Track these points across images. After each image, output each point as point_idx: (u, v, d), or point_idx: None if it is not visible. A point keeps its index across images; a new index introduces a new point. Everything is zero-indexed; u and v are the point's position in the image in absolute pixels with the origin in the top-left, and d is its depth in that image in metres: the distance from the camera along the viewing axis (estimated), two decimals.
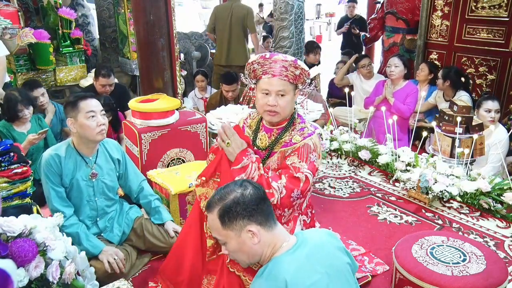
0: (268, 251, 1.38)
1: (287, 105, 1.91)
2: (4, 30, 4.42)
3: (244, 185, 1.41)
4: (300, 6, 5.26)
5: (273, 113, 1.91)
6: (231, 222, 1.36)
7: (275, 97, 1.88)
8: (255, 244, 1.36)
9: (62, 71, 4.85)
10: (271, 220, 1.40)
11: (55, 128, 3.84)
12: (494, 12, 4.25)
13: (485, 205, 2.75)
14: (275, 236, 1.39)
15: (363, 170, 3.47)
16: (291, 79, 1.88)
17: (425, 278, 1.84)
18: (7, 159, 2.25)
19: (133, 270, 2.35)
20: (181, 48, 6.20)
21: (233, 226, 1.36)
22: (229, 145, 1.84)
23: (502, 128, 3.36)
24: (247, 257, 1.41)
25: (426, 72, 4.48)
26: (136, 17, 3.68)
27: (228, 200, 1.37)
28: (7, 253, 1.50)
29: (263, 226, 1.37)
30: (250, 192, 1.38)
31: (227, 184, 1.47)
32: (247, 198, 1.37)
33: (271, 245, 1.38)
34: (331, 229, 2.62)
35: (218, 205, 1.38)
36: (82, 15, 5.75)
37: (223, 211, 1.37)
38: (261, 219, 1.36)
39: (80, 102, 2.20)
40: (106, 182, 2.37)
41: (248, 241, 1.36)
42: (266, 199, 1.43)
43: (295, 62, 1.86)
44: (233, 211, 1.35)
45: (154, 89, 3.63)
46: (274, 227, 1.40)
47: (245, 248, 1.38)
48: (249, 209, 1.35)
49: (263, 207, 1.38)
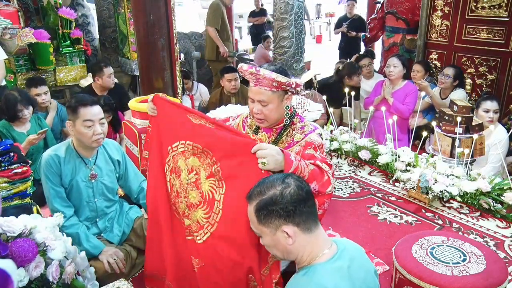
0: (305, 254, 1.33)
1: (271, 113, 1.90)
2: (4, 30, 4.42)
3: (287, 183, 1.33)
4: (300, 6, 5.27)
5: (259, 120, 1.94)
6: (267, 219, 1.31)
7: (259, 106, 1.89)
8: (289, 244, 1.32)
9: (62, 71, 4.84)
10: (311, 222, 1.33)
11: (56, 128, 3.85)
12: (494, 12, 4.25)
13: (485, 205, 2.75)
14: (314, 240, 1.33)
15: (363, 170, 3.47)
16: (272, 88, 1.85)
17: (425, 278, 1.84)
18: (7, 159, 2.25)
19: (133, 270, 2.35)
20: (181, 48, 6.21)
21: (268, 223, 1.32)
22: (266, 164, 1.62)
23: (502, 128, 3.36)
24: (282, 254, 1.38)
25: (423, 73, 4.48)
26: (136, 17, 3.68)
27: (266, 197, 1.31)
28: (7, 253, 1.50)
29: (301, 227, 1.31)
30: (291, 191, 1.31)
31: (271, 177, 1.39)
32: (286, 197, 1.30)
33: (308, 248, 1.33)
34: (331, 229, 2.63)
35: (257, 199, 1.34)
36: (82, 15, 5.75)
37: (260, 207, 1.32)
38: (299, 220, 1.30)
39: (80, 108, 2.17)
40: (106, 183, 2.37)
41: (283, 240, 1.32)
42: (308, 200, 1.33)
43: (258, 72, 1.80)
44: (269, 209, 1.30)
45: (154, 89, 3.63)
46: (313, 230, 1.33)
47: (279, 246, 1.35)
48: (287, 210, 1.29)
49: (303, 208, 1.31)
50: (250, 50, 8.08)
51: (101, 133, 2.21)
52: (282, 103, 1.92)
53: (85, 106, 2.18)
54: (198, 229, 1.83)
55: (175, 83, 3.79)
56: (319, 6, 15.63)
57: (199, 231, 1.82)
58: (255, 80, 1.86)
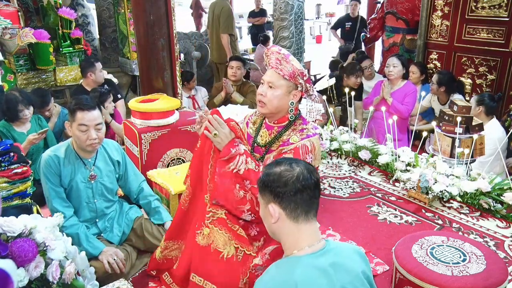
0: (288, 242, 1.36)
1: (274, 99, 1.91)
2: (4, 30, 4.42)
3: (292, 168, 1.35)
4: (300, 6, 5.27)
5: (260, 103, 1.95)
6: (262, 190, 1.38)
7: (266, 87, 1.92)
8: (272, 223, 1.36)
9: (62, 71, 4.84)
10: (301, 213, 1.34)
11: (57, 129, 3.85)
12: (494, 12, 4.25)
13: (485, 205, 2.75)
14: (299, 231, 1.34)
15: (363, 170, 3.47)
16: (286, 75, 1.88)
17: (425, 278, 1.84)
18: (7, 159, 2.25)
19: (133, 270, 2.34)
20: (181, 48, 6.22)
21: (263, 194, 1.38)
22: (216, 136, 1.84)
23: (494, 125, 3.37)
24: (268, 229, 1.44)
25: (418, 74, 4.50)
26: (136, 17, 3.68)
27: (269, 171, 1.37)
28: (7, 253, 1.50)
29: (287, 213, 1.33)
30: (289, 176, 1.33)
31: (286, 157, 1.46)
32: (283, 179, 1.33)
33: (292, 238, 1.35)
34: (331, 230, 2.63)
35: (264, 171, 1.41)
36: (82, 15, 5.75)
37: (261, 177, 1.39)
38: (286, 205, 1.33)
39: (77, 112, 2.17)
40: (105, 184, 2.37)
41: (268, 216, 1.37)
42: (303, 192, 1.33)
43: (287, 57, 1.88)
44: (265, 184, 1.36)
45: (154, 89, 3.63)
46: (300, 221, 1.34)
47: (266, 220, 1.41)
48: (276, 191, 1.33)
49: (294, 197, 1.32)
50: (250, 50, 8.07)
51: (95, 138, 2.20)
52: (289, 96, 1.93)
53: (82, 110, 2.17)
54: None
55: (175, 83, 3.79)
56: (319, 6, 15.62)
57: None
58: (276, 62, 1.90)
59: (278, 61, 1.89)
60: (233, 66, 4.39)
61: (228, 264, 1.84)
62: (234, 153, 1.83)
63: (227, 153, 1.82)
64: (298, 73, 1.88)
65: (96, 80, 4.17)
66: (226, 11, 5.64)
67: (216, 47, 5.90)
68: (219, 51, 5.87)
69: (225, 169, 1.82)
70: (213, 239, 1.87)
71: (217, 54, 5.94)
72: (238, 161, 1.82)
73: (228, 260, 1.84)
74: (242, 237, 1.86)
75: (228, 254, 1.85)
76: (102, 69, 4.28)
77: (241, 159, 1.83)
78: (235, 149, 1.83)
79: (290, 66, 1.87)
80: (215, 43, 5.91)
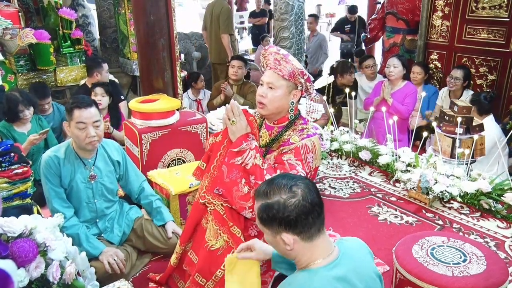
0: (304, 258, 1.33)
1: (274, 100, 1.90)
2: (4, 31, 4.42)
3: (294, 192, 1.29)
4: (300, 6, 5.26)
5: (260, 104, 1.94)
6: (268, 223, 1.31)
7: (266, 88, 1.91)
8: (287, 250, 1.32)
9: (63, 71, 4.84)
10: (314, 231, 1.30)
11: (57, 129, 3.85)
12: (494, 13, 4.25)
13: (486, 205, 2.75)
14: (314, 247, 1.32)
15: (364, 171, 3.47)
16: (285, 75, 1.88)
17: (426, 279, 1.83)
18: (7, 160, 2.25)
19: (134, 271, 2.35)
20: (182, 48, 6.21)
21: (269, 226, 1.32)
22: (233, 124, 1.84)
23: (488, 123, 3.38)
24: (281, 253, 1.39)
25: (423, 75, 4.50)
26: (136, 17, 3.68)
27: (271, 202, 1.29)
28: (7, 253, 1.50)
29: (302, 236, 1.30)
30: (295, 202, 1.27)
31: (278, 177, 1.35)
32: (289, 208, 1.27)
33: (308, 253, 1.32)
34: (332, 230, 2.63)
35: (262, 200, 1.32)
36: (83, 15, 5.75)
37: (263, 210, 1.31)
38: (300, 229, 1.28)
39: (75, 110, 2.17)
40: (105, 184, 2.37)
41: (281, 244, 1.32)
42: (313, 211, 1.29)
43: (286, 57, 1.87)
44: (271, 215, 1.29)
45: (154, 90, 3.63)
46: (314, 239, 1.31)
47: (278, 248, 1.36)
48: (288, 219, 1.27)
49: (306, 219, 1.28)
50: (250, 51, 8.08)
51: (94, 136, 2.20)
52: (289, 96, 1.92)
53: (79, 108, 2.17)
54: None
55: (175, 83, 3.78)
56: (319, 6, 15.61)
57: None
58: (274, 63, 1.89)
59: (277, 62, 1.88)
60: (234, 65, 4.39)
61: (211, 253, 1.86)
62: (245, 147, 1.82)
63: (239, 144, 1.82)
64: (298, 72, 1.88)
65: (101, 80, 4.16)
66: (226, 11, 5.64)
67: (215, 47, 5.88)
68: (218, 51, 5.86)
69: (234, 161, 1.81)
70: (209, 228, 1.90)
71: (216, 55, 5.92)
72: (248, 155, 1.81)
73: (213, 251, 1.86)
74: (234, 235, 1.84)
75: (213, 246, 1.86)
76: (107, 69, 4.28)
77: (251, 153, 1.82)
78: (247, 143, 1.82)
79: (290, 65, 1.87)
80: (214, 44, 5.89)
